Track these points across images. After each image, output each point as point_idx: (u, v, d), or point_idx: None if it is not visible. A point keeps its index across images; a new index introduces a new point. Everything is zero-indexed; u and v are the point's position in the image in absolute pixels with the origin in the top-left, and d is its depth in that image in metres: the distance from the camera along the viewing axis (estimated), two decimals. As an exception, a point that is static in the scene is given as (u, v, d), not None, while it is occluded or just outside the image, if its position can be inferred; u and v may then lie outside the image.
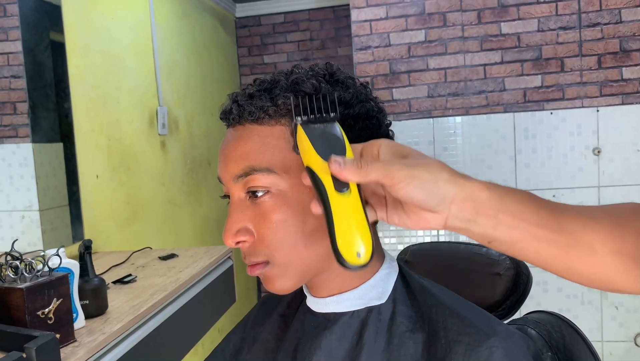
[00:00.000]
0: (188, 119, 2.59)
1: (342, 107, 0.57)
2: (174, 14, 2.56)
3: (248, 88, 0.60)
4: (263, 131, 0.57)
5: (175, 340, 1.32)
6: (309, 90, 0.56)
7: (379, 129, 0.60)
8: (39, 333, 0.83)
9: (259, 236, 0.57)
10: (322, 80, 0.58)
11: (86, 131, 1.76)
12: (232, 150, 0.58)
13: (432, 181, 0.45)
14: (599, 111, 2.36)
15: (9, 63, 1.51)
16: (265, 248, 0.56)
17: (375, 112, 0.60)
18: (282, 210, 0.56)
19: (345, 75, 0.60)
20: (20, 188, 1.54)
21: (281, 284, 0.58)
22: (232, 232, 0.57)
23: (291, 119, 0.56)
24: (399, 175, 0.45)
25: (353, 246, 0.45)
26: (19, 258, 0.91)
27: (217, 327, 2.36)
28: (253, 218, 0.57)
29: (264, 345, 0.65)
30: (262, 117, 0.57)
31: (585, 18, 2.34)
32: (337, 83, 0.59)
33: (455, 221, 0.46)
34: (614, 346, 2.41)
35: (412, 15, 2.47)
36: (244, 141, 0.57)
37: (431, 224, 0.47)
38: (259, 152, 0.56)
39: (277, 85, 0.58)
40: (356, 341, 0.58)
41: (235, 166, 0.57)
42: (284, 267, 0.57)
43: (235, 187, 0.57)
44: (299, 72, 0.59)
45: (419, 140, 2.51)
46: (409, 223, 0.48)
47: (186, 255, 1.66)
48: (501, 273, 0.77)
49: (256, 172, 0.55)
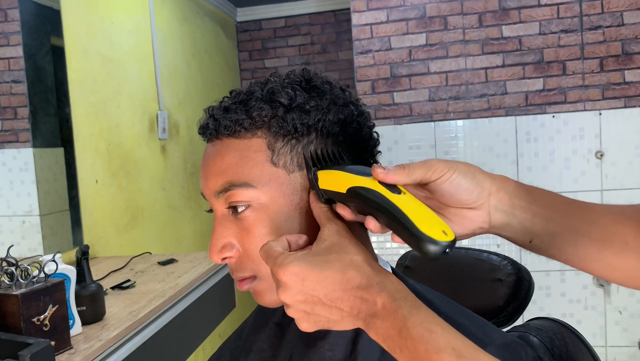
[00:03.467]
0: (188, 123, 2.58)
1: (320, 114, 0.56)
2: (175, 18, 2.56)
3: (224, 101, 0.59)
4: (240, 145, 0.56)
5: (174, 346, 1.30)
6: (284, 100, 0.55)
7: (361, 132, 0.59)
8: (33, 340, 0.82)
9: (244, 251, 0.56)
10: (298, 87, 0.57)
11: (86, 135, 1.75)
12: (211, 165, 0.57)
13: (470, 173, 0.49)
14: (601, 114, 2.35)
15: (9, 68, 1.50)
16: (251, 262, 0.56)
17: (356, 116, 0.59)
18: (264, 224, 0.55)
19: (322, 80, 0.59)
20: (20, 192, 1.53)
21: (270, 298, 0.57)
22: (217, 248, 0.56)
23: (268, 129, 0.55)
24: (442, 167, 0.48)
25: (437, 226, 0.44)
26: (15, 264, 0.91)
27: (218, 332, 2.35)
28: (237, 233, 0.56)
29: (259, 354, 0.64)
30: (238, 130, 0.56)
31: (587, 21, 2.33)
32: (314, 90, 0.58)
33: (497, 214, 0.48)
34: (617, 352, 2.39)
35: (413, 19, 2.46)
36: (221, 156, 0.56)
37: (476, 222, 0.49)
38: (237, 167, 0.55)
39: (252, 96, 0.57)
40: (350, 350, 0.57)
41: (215, 182, 0.56)
42: (272, 281, 0.55)
43: (217, 202, 0.57)
44: (275, 82, 0.58)
45: (420, 144, 2.50)
46: (456, 227, 0.50)
47: (185, 260, 1.65)
48: (502, 279, 0.76)
49: (235, 187, 0.55)
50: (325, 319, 0.47)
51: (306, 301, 0.47)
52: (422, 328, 0.43)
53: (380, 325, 0.45)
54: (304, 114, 0.55)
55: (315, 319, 0.47)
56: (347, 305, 0.46)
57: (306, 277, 0.46)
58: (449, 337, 0.42)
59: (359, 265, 0.47)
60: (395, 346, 0.44)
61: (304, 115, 0.55)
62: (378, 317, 0.45)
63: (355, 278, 0.46)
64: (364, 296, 0.45)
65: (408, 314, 0.43)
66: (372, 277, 0.46)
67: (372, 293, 0.45)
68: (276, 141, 0.55)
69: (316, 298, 0.46)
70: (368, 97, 2.51)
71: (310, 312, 0.47)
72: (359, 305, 0.46)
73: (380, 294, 0.45)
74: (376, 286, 0.45)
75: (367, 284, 0.46)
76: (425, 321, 0.43)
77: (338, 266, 0.47)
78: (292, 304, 0.47)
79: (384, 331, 0.44)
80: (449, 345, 0.42)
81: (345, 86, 0.62)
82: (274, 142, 0.55)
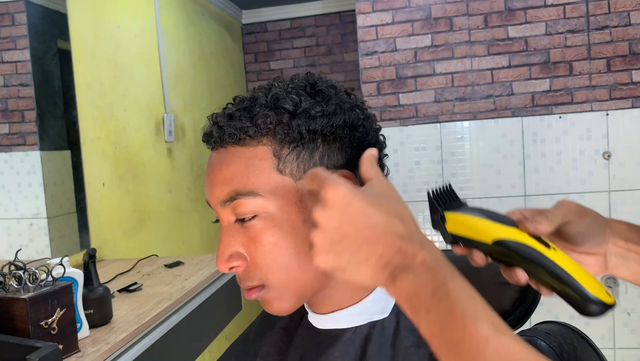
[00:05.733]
0: (195, 126, 2.59)
1: (325, 120, 0.55)
2: (180, 21, 2.57)
3: (227, 108, 0.58)
4: (245, 153, 0.55)
5: (181, 349, 1.31)
6: (289, 107, 0.54)
7: (367, 136, 0.58)
8: (41, 343, 0.82)
9: (251, 260, 0.55)
10: (303, 93, 0.56)
11: (93, 138, 1.76)
12: (216, 174, 0.56)
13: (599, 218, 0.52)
14: (608, 114, 2.34)
15: (17, 72, 1.51)
16: (259, 271, 0.55)
17: (362, 120, 0.58)
18: (272, 232, 0.54)
19: (327, 84, 0.58)
20: (28, 195, 1.54)
21: (279, 306, 0.57)
22: (224, 258, 0.56)
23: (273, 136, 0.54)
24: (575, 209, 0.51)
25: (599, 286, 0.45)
26: (23, 268, 0.91)
27: (225, 334, 2.35)
28: (244, 242, 0.55)
29: (266, 358, 0.64)
30: (243, 138, 0.55)
31: (593, 21, 2.32)
32: (318, 94, 0.56)
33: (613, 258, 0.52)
34: (626, 354, 2.37)
35: (418, 20, 2.46)
36: (226, 164, 0.55)
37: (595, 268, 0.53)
38: (242, 176, 0.54)
39: (256, 103, 0.56)
40: (359, 358, 0.57)
41: (220, 191, 0.55)
42: (280, 290, 0.55)
43: (224, 211, 0.56)
44: (279, 87, 0.57)
45: (426, 145, 2.49)
46: None
47: (192, 263, 1.65)
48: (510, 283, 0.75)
49: (241, 196, 0.54)
50: (346, 258, 0.44)
51: (339, 228, 0.44)
52: (464, 293, 0.41)
53: (410, 280, 0.42)
54: (310, 120, 0.54)
55: (337, 252, 0.44)
56: (379, 249, 0.43)
57: (352, 204, 0.44)
58: (488, 310, 0.41)
59: (406, 218, 0.45)
60: (421, 306, 0.41)
61: (310, 121, 0.54)
62: (411, 272, 0.42)
63: (399, 227, 0.44)
64: (403, 247, 0.43)
65: (450, 277, 0.42)
66: (416, 234, 0.45)
67: (413, 246, 0.43)
68: (282, 148, 0.54)
69: (351, 229, 0.44)
70: (373, 98, 2.51)
71: (337, 243, 0.44)
72: (392, 254, 0.43)
73: (422, 250, 0.43)
74: (418, 243, 0.44)
75: (409, 237, 0.44)
76: (468, 289, 0.42)
77: (386, 209, 0.45)
78: (324, 225, 0.44)
79: (413, 288, 0.42)
80: (488, 317, 0.40)
81: (350, 89, 0.61)
82: (279, 149, 0.54)
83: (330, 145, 0.56)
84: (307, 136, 0.54)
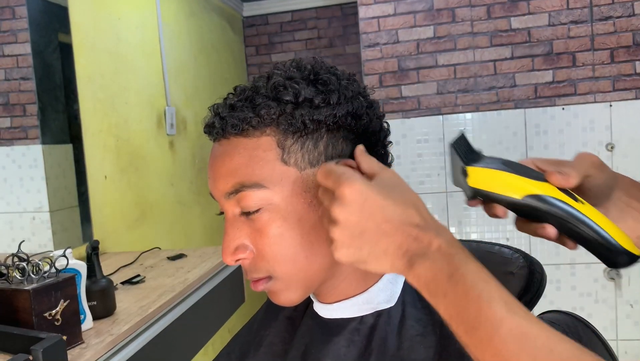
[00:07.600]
0: (196, 118, 2.59)
1: (329, 109, 0.54)
2: (182, 13, 2.56)
3: (229, 98, 0.57)
4: (249, 144, 0.54)
5: (184, 341, 1.31)
6: (291, 97, 0.53)
7: (371, 124, 0.58)
8: (45, 334, 0.82)
9: (258, 252, 0.55)
10: (305, 81, 0.55)
11: (94, 131, 1.76)
12: (219, 166, 0.55)
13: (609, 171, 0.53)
14: (612, 106, 2.33)
15: (18, 65, 1.51)
16: (266, 263, 0.55)
17: (365, 108, 0.57)
18: (278, 224, 0.53)
19: (329, 71, 0.57)
20: (30, 189, 1.54)
21: (287, 297, 0.57)
22: (230, 250, 0.55)
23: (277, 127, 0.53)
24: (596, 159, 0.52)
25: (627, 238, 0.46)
26: (26, 260, 0.91)
27: (227, 327, 2.36)
28: (250, 234, 0.55)
29: (270, 348, 0.64)
30: (246, 129, 0.54)
31: (597, 11, 2.30)
32: (321, 82, 0.55)
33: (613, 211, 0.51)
34: (629, 345, 2.37)
35: (421, 12, 2.44)
36: (230, 156, 0.54)
37: None
38: (246, 167, 0.53)
39: (258, 93, 0.55)
40: (365, 347, 0.56)
41: (224, 183, 0.54)
42: (287, 281, 0.55)
43: (228, 203, 0.55)
44: (279, 74, 0.56)
45: (428, 137, 2.48)
46: None
47: (195, 255, 1.65)
48: (514, 272, 0.75)
49: (246, 188, 0.53)
50: (366, 251, 0.46)
51: (359, 223, 0.46)
52: (478, 276, 0.43)
53: (427, 266, 0.44)
54: (314, 110, 0.53)
55: (357, 246, 0.46)
56: (397, 239, 0.45)
57: (369, 198, 0.46)
58: (502, 291, 0.43)
59: (420, 207, 0.47)
60: (438, 290, 0.44)
61: (314, 111, 0.53)
62: (428, 258, 0.44)
63: (414, 216, 0.46)
64: (419, 236, 0.45)
65: (464, 262, 0.44)
66: (430, 222, 0.47)
67: (428, 234, 0.45)
68: (286, 138, 0.53)
69: (370, 223, 0.46)
70: (376, 90, 2.50)
71: (357, 237, 0.46)
72: (410, 242, 0.45)
73: (437, 237, 0.45)
74: (433, 230, 0.46)
75: (425, 225, 0.46)
76: (481, 272, 0.44)
77: (401, 200, 0.47)
78: (343, 222, 0.46)
79: (431, 274, 0.44)
80: (502, 298, 0.42)
81: (352, 75, 0.60)
82: (283, 140, 0.53)
83: (334, 134, 0.55)
84: (311, 126, 0.54)
